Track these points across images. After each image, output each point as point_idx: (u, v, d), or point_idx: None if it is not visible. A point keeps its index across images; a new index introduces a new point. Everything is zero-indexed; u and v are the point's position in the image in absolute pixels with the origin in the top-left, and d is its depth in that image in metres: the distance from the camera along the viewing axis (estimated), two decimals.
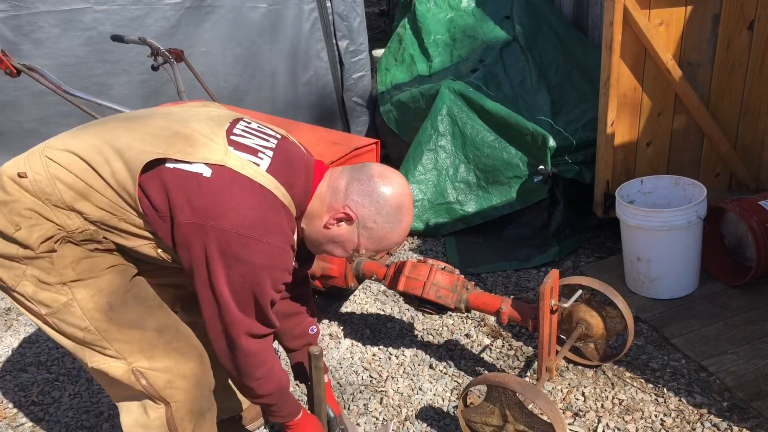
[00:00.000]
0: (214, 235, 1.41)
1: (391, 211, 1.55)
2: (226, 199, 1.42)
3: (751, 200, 2.70)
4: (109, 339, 1.55)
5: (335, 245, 1.61)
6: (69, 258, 1.49)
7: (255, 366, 1.57)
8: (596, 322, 2.29)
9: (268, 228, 1.45)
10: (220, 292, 1.46)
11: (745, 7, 2.87)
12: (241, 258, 1.43)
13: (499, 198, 3.39)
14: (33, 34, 3.86)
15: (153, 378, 1.58)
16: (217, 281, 1.44)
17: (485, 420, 1.99)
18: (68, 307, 1.51)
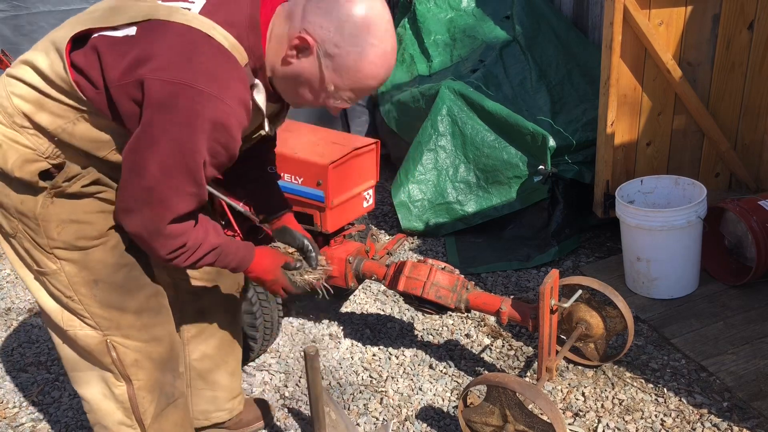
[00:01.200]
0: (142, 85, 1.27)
1: (356, 30, 1.29)
2: (155, 47, 1.28)
3: (751, 200, 2.70)
4: (90, 311, 1.55)
5: (302, 85, 1.40)
6: (54, 220, 1.45)
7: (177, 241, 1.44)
8: (596, 322, 2.29)
9: (202, 73, 1.27)
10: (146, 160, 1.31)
11: (745, 7, 2.87)
12: (172, 109, 1.26)
13: (499, 198, 3.39)
14: (33, 34, 3.86)
15: (123, 354, 1.59)
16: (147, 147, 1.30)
17: (485, 420, 2.00)
18: (56, 275, 1.51)
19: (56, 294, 1.54)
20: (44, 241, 1.47)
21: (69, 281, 1.51)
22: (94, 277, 1.52)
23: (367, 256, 2.53)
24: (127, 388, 1.62)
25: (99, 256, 1.52)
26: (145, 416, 1.67)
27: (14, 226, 1.48)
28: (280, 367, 2.59)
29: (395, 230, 3.61)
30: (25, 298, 3.22)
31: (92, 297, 1.53)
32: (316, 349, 1.72)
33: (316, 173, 2.36)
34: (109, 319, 1.56)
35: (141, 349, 1.61)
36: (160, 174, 1.32)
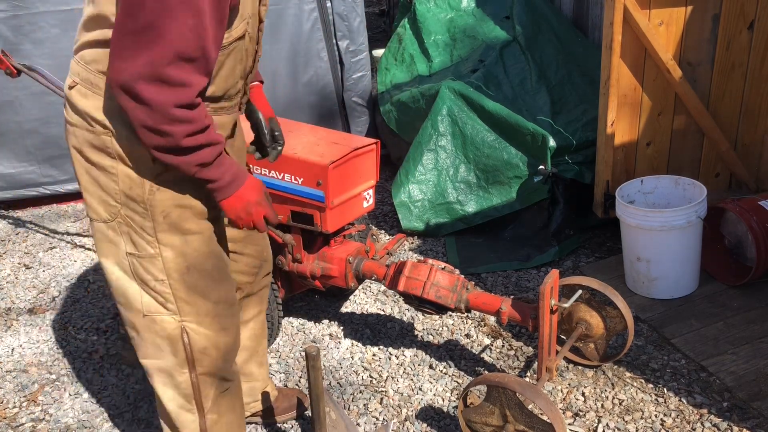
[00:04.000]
0: None
1: None
2: None
3: (751, 200, 2.70)
4: (176, 296, 1.62)
5: None
6: (159, 206, 1.53)
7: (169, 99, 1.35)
8: (596, 322, 2.29)
9: None
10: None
11: (745, 7, 2.87)
12: None
13: (499, 198, 3.39)
14: (33, 34, 3.86)
15: (194, 340, 1.66)
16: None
17: (485, 420, 2.00)
18: (153, 259, 1.58)
19: (145, 278, 1.60)
20: (150, 225, 1.55)
21: (165, 266, 1.59)
22: (188, 264, 1.60)
23: (367, 256, 2.53)
24: (190, 374, 1.70)
25: (196, 244, 1.60)
26: (206, 401, 1.74)
27: (115, 212, 1.55)
28: (280, 367, 2.59)
29: (395, 230, 3.61)
30: (25, 298, 3.22)
31: (182, 282, 1.61)
32: (317, 349, 1.72)
33: (316, 173, 2.36)
34: (191, 304, 1.64)
35: (211, 337, 1.69)
36: (156, 4, 1.27)
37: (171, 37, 1.29)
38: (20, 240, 3.88)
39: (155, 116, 1.34)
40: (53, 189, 4.26)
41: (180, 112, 1.36)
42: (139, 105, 1.34)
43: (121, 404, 2.44)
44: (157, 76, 1.31)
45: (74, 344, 2.82)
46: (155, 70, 1.31)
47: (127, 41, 1.30)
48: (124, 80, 1.32)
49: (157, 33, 1.28)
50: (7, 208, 4.31)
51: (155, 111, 1.34)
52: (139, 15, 1.28)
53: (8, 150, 4.11)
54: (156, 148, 1.40)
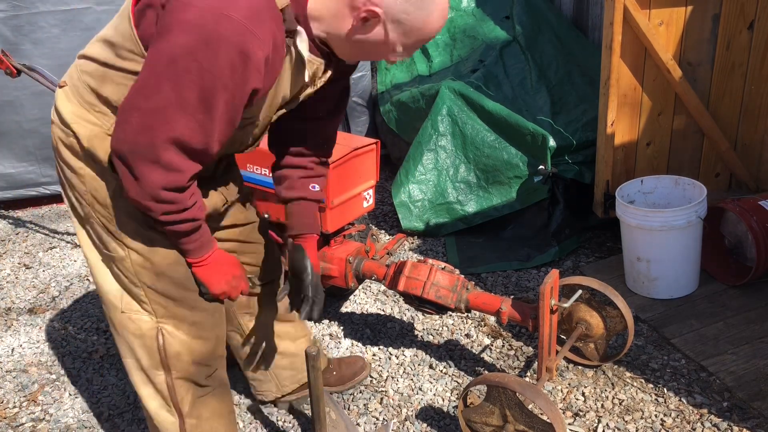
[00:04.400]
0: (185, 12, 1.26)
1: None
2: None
3: (751, 200, 2.70)
4: (150, 298, 1.63)
5: (368, 49, 1.43)
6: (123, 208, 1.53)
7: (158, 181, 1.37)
8: (596, 322, 2.29)
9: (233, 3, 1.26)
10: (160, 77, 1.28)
11: (745, 7, 2.87)
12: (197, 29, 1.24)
13: (499, 198, 3.39)
14: (33, 34, 3.86)
15: (168, 343, 1.66)
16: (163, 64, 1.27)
17: (485, 420, 2.00)
18: (123, 260, 1.59)
19: (121, 278, 1.62)
20: (114, 228, 1.56)
21: (134, 269, 1.59)
22: (157, 270, 1.59)
23: (367, 256, 2.54)
24: (166, 377, 1.69)
25: (163, 252, 1.58)
26: (183, 405, 1.74)
27: (87, 212, 1.57)
28: None
29: (395, 230, 3.61)
30: (25, 298, 3.22)
31: (154, 287, 1.61)
32: (317, 350, 1.72)
33: None
34: (166, 308, 1.64)
35: (186, 343, 1.68)
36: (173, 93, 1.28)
37: (178, 126, 1.32)
38: (20, 240, 3.88)
39: (142, 192, 1.38)
40: (53, 189, 4.26)
41: (166, 194, 1.39)
42: (130, 179, 1.37)
43: (121, 404, 2.44)
44: (154, 157, 1.33)
45: (74, 344, 2.82)
46: (154, 152, 1.33)
47: (135, 117, 1.32)
48: (123, 151, 1.35)
49: (165, 119, 1.31)
50: (7, 208, 4.31)
51: (143, 188, 1.37)
52: (152, 98, 1.30)
53: (8, 150, 4.11)
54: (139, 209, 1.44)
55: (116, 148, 1.36)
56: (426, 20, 1.36)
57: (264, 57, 1.30)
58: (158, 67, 1.28)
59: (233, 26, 1.25)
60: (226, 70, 1.27)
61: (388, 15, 1.34)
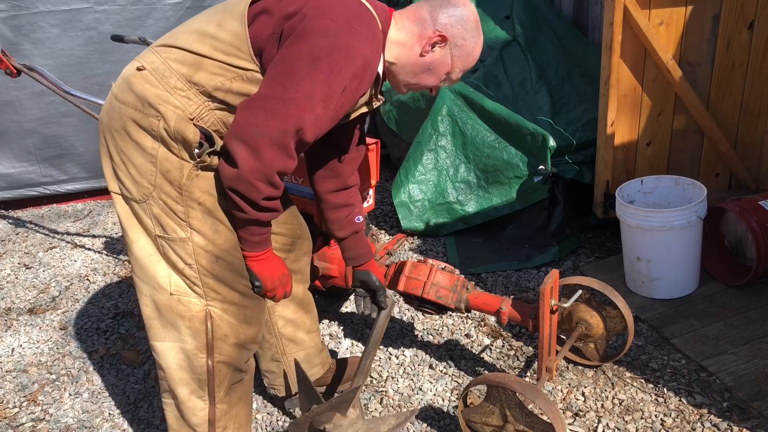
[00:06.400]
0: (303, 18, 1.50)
1: (473, 25, 1.68)
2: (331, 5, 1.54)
3: (751, 200, 2.70)
4: (203, 281, 1.67)
5: (430, 72, 1.70)
6: (196, 191, 1.60)
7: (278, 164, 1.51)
8: (596, 322, 2.29)
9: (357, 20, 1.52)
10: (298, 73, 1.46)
11: (745, 7, 2.87)
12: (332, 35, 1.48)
13: (499, 198, 3.39)
14: (33, 34, 3.86)
15: (216, 326, 1.71)
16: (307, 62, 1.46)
17: (485, 420, 2.00)
18: (183, 243, 1.64)
19: (173, 260, 1.66)
20: (182, 210, 1.61)
21: (194, 251, 1.64)
22: (217, 253, 1.65)
23: None
24: (208, 359, 1.72)
25: (226, 235, 1.65)
26: (219, 389, 1.78)
27: (147, 193, 1.61)
28: None
29: (395, 230, 3.61)
30: (25, 298, 3.22)
31: (210, 270, 1.66)
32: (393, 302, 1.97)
33: None
34: (217, 291, 1.69)
35: (233, 326, 1.73)
36: (308, 87, 1.46)
37: (304, 117, 1.48)
38: (20, 240, 3.88)
39: (258, 172, 1.49)
40: (53, 189, 4.26)
41: (277, 178, 1.52)
42: (251, 158, 1.48)
43: (121, 404, 2.44)
44: (282, 142, 1.48)
45: (74, 344, 2.82)
46: (282, 138, 1.48)
47: (270, 104, 1.47)
48: (251, 133, 1.47)
49: (298, 109, 1.47)
50: (7, 208, 4.31)
51: (261, 168, 1.49)
52: (291, 89, 1.46)
53: (8, 150, 4.11)
54: (237, 192, 1.53)
55: (243, 130, 1.47)
56: (475, 46, 1.69)
57: (373, 72, 1.57)
58: (298, 64, 1.46)
59: (361, 39, 1.51)
60: (350, 74, 1.50)
61: (452, 41, 1.66)
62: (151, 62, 1.60)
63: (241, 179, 1.50)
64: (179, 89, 1.57)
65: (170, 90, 1.57)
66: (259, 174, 1.49)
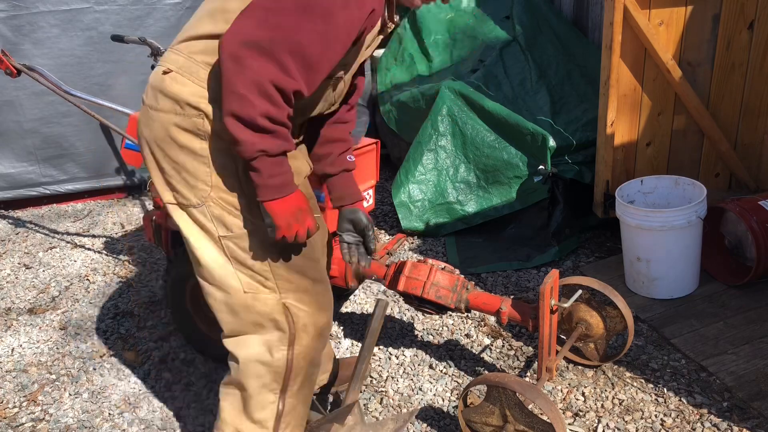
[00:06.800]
0: None
1: None
2: None
3: (751, 200, 2.70)
4: (275, 273, 1.63)
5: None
6: None
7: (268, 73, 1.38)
8: (596, 322, 2.29)
9: None
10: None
11: (745, 7, 2.87)
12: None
13: (499, 198, 3.39)
14: (33, 34, 3.86)
15: (296, 317, 1.67)
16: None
17: (485, 420, 2.00)
18: (250, 237, 1.59)
19: (242, 257, 1.61)
20: (244, 202, 1.56)
21: (261, 242, 1.59)
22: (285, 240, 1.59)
23: None
24: (288, 352, 1.69)
25: None
26: (293, 384, 1.74)
27: (205, 195, 1.56)
28: None
29: (395, 230, 3.61)
30: (25, 298, 3.22)
31: (280, 258, 1.62)
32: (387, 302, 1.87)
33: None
34: (290, 281, 1.65)
35: (311, 315, 1.69)
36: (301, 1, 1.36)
37: (301, 31, 1.36)
38: (20, 240, 3.88)
39: (247, 82, 1.36)
40: (53, 189, 4.26)
41: (272, 90, 1.38)
42: (238, 68, 1.36)
43: (121, 404, 2.44)
44: (271, 52, 1.35)
45: (74, 344, 2.82)
46: (272, 47, 1.35)
47: (258, 13, 1.36)
48: (235, 42, 1.36)
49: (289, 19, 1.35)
50: (7, 208, 4.31)
51: (252, 77, 1.36)
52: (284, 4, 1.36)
53: (8, 150, 4.11)
54: (232, 113, 1.40)
55: (230, 41, 1.36)
56: None
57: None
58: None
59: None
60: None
61: None
62: (174, 62, 1.54)
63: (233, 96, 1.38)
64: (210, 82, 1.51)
65: (204, 84, 1.51)
66: (246, 85, 1.37)
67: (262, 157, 1.46)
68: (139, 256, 3.56)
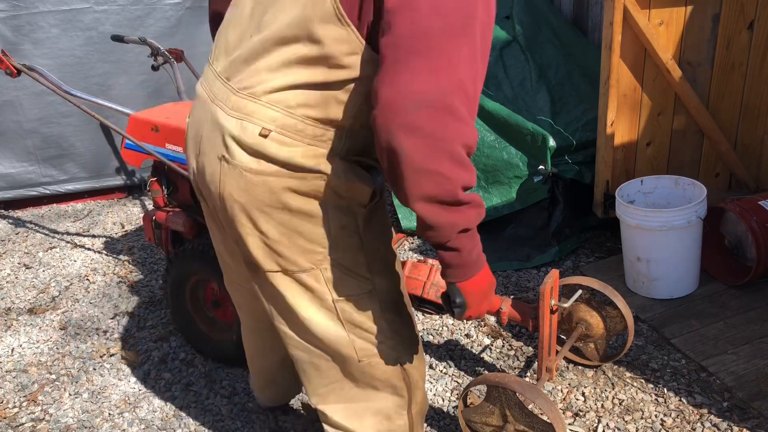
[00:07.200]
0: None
1: None
2: None
3: (751, 200, 2.70)
4: (395, 333, 1.49)
5: None
6: (372, 235, 1.41)
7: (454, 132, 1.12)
8: (596, 322, 2.29)
9: None
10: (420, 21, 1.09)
11: (745, 7, 2.87)
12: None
13: (499, 198, 3.39)
14: (33, 34, 3.86)
15: (412, 375, 1.56)
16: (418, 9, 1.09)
17: (485, 420, 2.00)
18: (369, 295, 1.44)
19: (358, 320, 1.44)
20: (363, 260, 1.41)
21: (381, 299, 1.45)
22: (399, 297, 1.49)
23: None
24: (407, 415, 1.58)
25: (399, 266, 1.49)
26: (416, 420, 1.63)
27: (320, 258, 1.38)
28: None
29: (395, 230, 3.61)
30: (25, 298, 3.22)
31: (400, 317, 1.48)
32: None
33: None
34: (406, 337, 1.52)
35: (419, 368, 1.58)
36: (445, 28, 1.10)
37: (458, 67, 1.11)
38: (20, 240, 3.88)
39: (436, 153, 1.11)
40: (53, 189, 4.26)
41: (462, 152, 1.13)
42: (417, 140, 1.09)
43: (121, 404, 2.44)
44: (443, 106, 1.09)
45: (74, 344, 2.82)
46: (443, 100, 1.09)
47: (413, 61, 1.09)
48: (403, 108, 1.09)
49: (443, 60, 1.09)
50: (7, 208, 4.31)
51: (438, 145, 1.10)
52: (428, 39, 1.09)
53: (8, 150, 4.11)
54: (424, 197, 1.16)
55: (395, 110, 1.09)
56: None
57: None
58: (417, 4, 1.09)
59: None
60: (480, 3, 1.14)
61: None
62: (271, 119, 1.27)
63: (419, 173, 1.11)
64: (319, 136, 1.29)
65: (314, 142, 1.29)
66: (438, 157, 1.11)
67: (460, 235, 1.24)
68: (139, 256, 3.56)
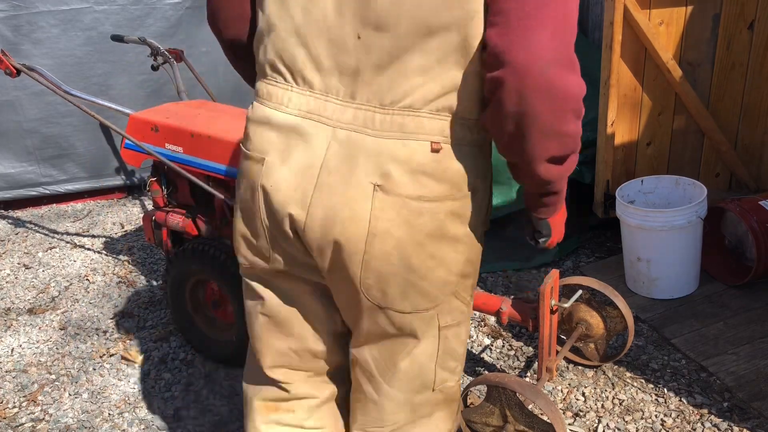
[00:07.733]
0: None
1: None
2: None
3: (751, 200, 2.70)
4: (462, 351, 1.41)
5: None
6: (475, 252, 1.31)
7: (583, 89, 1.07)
8: (596, 322, 2.29)
9: None
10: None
11: (745, 7, 2.87)
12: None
13: (499, 198, 3.39)
14: (33, 34, 3.86)
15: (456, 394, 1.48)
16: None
17: (485, 420, 1.99)
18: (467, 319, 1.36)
19: (452, 347, 1.34)
20: (471, 282, 1.32)
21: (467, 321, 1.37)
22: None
23: None
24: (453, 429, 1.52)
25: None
26: None
27: (451, 290, 1.28)
28: None
29: None
30: (25, 298, 3.22)
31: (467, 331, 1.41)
32: None
33: None
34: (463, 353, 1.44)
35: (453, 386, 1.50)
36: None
37: (572, 11, 1.04)
38: (20, 240, 3.88)
39: (565, 113, 1.06)
40: (53, 189, 4.26)
41: (582, 106, 1.08)
42: (551, 100, 1.03)
43: (121, 404, 2.44)
44: (570, 59, 1.04)
45: (74, 344, 2.82)
46: (570, 54, 1.04)
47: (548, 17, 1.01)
48: (539, 67, 1.01)
49: (565, 8, 1.03)
50: (6, 208, 4.31)
51: (567, 105, 1.05)
52: None
53: (8, 150, 4.11)
54: (549, 158, 1.13)
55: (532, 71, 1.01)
56: None
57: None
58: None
59: None
60: None
61: None
62: (439, 130, 1.15)
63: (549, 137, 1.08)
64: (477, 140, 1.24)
65: (475, 150, 1.25)
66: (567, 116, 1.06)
67: (565, 180, 1.24)
68: (139, 256, 3.56)
